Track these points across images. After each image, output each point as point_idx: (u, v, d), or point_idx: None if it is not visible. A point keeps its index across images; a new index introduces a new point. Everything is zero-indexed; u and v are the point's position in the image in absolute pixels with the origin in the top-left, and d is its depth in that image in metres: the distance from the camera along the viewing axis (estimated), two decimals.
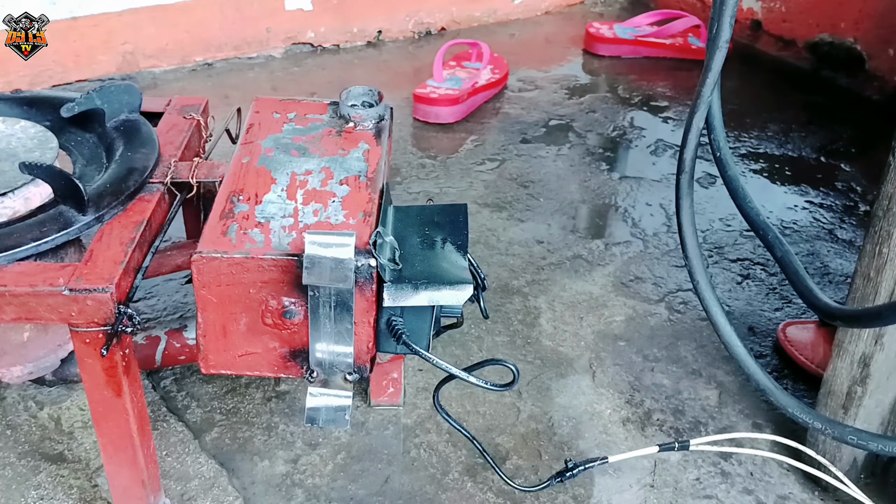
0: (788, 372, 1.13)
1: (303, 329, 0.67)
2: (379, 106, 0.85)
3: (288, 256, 0.65)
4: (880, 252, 0.83)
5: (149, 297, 1.20)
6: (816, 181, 1.56)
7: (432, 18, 2.11)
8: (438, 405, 0.81)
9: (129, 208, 0.77)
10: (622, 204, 1.47)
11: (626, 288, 1.26)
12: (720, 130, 0.89)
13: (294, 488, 0.93)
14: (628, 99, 1.84)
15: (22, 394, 1.03)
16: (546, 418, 1.03)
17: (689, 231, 0.88)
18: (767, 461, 1.00)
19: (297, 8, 1.93)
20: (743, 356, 0.85)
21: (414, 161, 1.57)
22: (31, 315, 0.69)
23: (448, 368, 0.66)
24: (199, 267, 0.66)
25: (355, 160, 0.78)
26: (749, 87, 1.89)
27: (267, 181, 0.75)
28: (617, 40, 2.02)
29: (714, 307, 0.86)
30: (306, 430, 1.00)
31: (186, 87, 1.79)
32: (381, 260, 0.66)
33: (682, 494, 0.95)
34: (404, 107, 1.73)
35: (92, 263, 0.70)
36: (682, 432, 1.03)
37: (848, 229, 1.43)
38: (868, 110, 1.80)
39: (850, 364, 0.89)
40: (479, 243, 1.34)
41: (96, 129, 0.88)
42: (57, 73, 1.74)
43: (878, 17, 1.81)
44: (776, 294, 1.27)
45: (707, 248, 1.37)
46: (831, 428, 0.79)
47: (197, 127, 0.93)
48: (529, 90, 1.86)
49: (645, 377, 1.10)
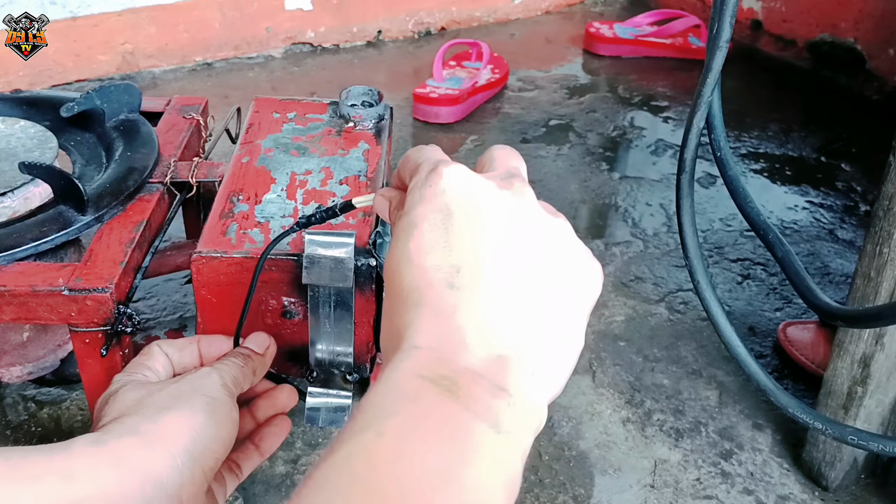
0: (788, 372, 1.13)
1: (302, 329, 0.67)
2: (379, 106, 0.85)
3: (287, 256, 0.65)
4: (881, 252, 0.83)
5: (148, 297, 1.20)
6: (817, 181, 1.56)
7: (432, 18, 2.11)
8: None
9: (129, 208, 0.77)
10: (622, 204, 1.47)
11: (626, 288, 1.26)
12: (720, 130, 0.89)
13: (294, 488, 0.93)
14: (628, 99, 1.84)
15: (22, 394, 1.03)
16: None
17: (690, 231, 0.88)
18: (768, 461, 1.00)
19: (296, 8, 1.93)
20: (743, 356, 0.85)
21: None
22: (31, 315, 0.69)
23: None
24: (199, 267, 0.66)
25: (355, 160, 0.78)
26: (749, 87, 1.89)
27: (267, 181, 0.74)
28: (617, 40, 2.02)
29: (714, 307, 0.86)
30: (306, 430, 1.00)
31: (186, 87, 1.79)
32: (382, 259, 0.66)
33: (683, 494, 0.95)
34: (404, 107, 1.73)
35: (91, 263, 0.70)
36: (683, 432, 1.02)
37: (848, 229, 1.43)
38: (868, 110, 1.80)
39: (850, 364, 0.89)
40: None
41: (96, 129, 0.88)
42: (57, 73, 1.74)
43: (878, 17, 1.81)
44: (776, 294, 1.27)
45: (707, 248, 1.36)
46: (832, 428, 0.79)
47: (197, 127, 0.93)
48: (529, 90, 1.86)
49: (645, 377, 1.10)
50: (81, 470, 0.45)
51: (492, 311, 0.35)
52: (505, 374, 0.34)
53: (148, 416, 0.49)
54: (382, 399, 0.33)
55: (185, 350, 0.62)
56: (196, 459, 0.48)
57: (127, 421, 0.49)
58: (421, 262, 0.37)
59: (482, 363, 0.34)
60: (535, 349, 0.36)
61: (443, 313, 0.35)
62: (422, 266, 0.37)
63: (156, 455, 0.47)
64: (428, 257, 0.37)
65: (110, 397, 0.53)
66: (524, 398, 0.34)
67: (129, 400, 0.51)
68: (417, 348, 0.35)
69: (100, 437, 0.47)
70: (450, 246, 0.37)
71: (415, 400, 0.33)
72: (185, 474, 0.47)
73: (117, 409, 0.51)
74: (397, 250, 0.38)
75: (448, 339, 0.35)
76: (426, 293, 0.36)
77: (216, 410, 0.51)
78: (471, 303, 0.35)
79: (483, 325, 0.35)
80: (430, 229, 0.37)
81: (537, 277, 0.37)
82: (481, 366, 0.34)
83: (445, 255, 0.37)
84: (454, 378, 0.33)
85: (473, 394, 0.33)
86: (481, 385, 0.33)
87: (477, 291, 0.36)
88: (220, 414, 0.51)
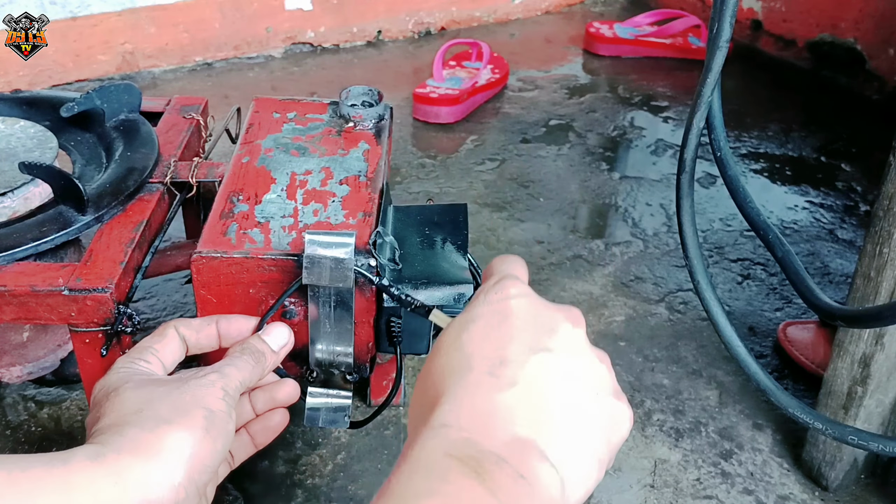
0: (789, 372, 1.13)
1: (302, 329, 0.67)
2: (379, 106, 0.85)
3: (288, 256, 0.65)
4: (881, 252, 0.83)
5: (148, 297, 1.20)
6: (817, 181, 1.56)
7: (432, 18, 2.11)
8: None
9: (129, 208, 0.77)
10: (622, 204, 1.47)
11: (626, 288, 1.26)
12: (720, 130, 0.89)
13: (294, 488, 0.93)
14: (628, 99, 1.84)
15: (22, 394, 1.03)
16: None
17: (690, 231, 0.88)
18: (768, 461, 1.00)
19: (296, 8, 1.93)
20: (743, 356, 0.85)
21: (414, 161, 1.56)
22: (31, 315, 0.69)
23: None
24: (199, 267, 0.66)
25: (355, 160, 0.78)
26: (749, 87, 1.89)
27: (267, 181, 0.74)
28: (617, 40, 2.02)
29: (714, 307, 0.86)
30: (306, 430, 1.00)
31: (186, 87, 1.79)
32: (381, 260, 0.66)
33: (683, 495, 0.95)
34: (404, 107, 1.73)
35: (91, 263, 0.70)
36: (683, 432, 1.02)
37: (848, 229, 1.43)
38: (868, 110, 1.80)
39: (850, 364, 0.89)
40: (479, 243, 1.34)
41: (96, 129, 0.88)
42: (56, 73, 1.74)
43: (879, 17, 1.81)
44: (776, 294, 1.27)
45: (707, 248, 1.37)
46: (832, 428, 0.79)
47: (197, 127, 0.93)
48: (529, 90, 1.86)
49: (645, 377, 1.10)
50: (80, 485, 0.45)
51: (524, 405, 0.38)
52: (527, 462, 0.36)
53: (148, 427, 0.49)
54: (412, 478, 0.35)
55: (202, 331, 0.61)
56: (192, 477, 0.49)
57: (127, 432, 0.48)
58: (470, 350, 0.41)
59: (506, 449, 0.36)
60: (559, 447, 0.38)
61: (477, 397, 0.38)
62: (469, 353, 0.40)
63: (154, 473, 0.47)
64: (478, 347, 0.41)
65: (111, 393, 0.53)
66: (542, 490, 0.36)
67: (130, 403, 0.51)
68: (447, 426, 0.37)
69: (99, 451, 0.47)
70: (500, 343, 0.40)
71: (444, 479, 0.35)
72: (181, 492, 0.48)
73: (117, 410, 0.51)
74: (448, 336, 0.42)
75: (478, 421, 0.37)
76: (466, 376, 0.39)
77: (214, 425, 0.51)
78: (507, 393, 0.38)
79: (513, 415, 0.38)
80: (485, 325, 0.42)
81: (575, 393, 0.40)
82: (506, 451, 0.36)
83: (494, 349, 0.40)
84: (480, 460, 0.35)
85: (497, 480, 0.35)
86: (505, 471, 0.35)
87: (515, 386, 0.38)
88: (218, 428, 0.51)
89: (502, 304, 0.43)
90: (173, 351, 0.59)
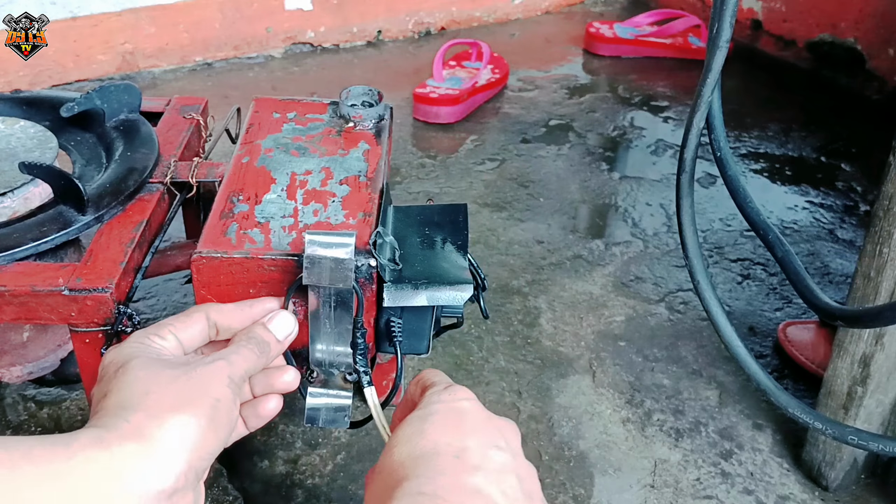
0: (789, 372, 1.13)
1: (302, 329, 0.67)
2: (379, 106, 0.85)
3: (288, 256, 0.65)
4: (881, 252, 0.83)
5: (148, 297, 1.20)
6: (816, 181, 1.56)
7: (432, 18, 2.11)
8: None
9: (129, 208, 0.77)
10: (622, 204, 1.47)
11: (626, 288, 1.26)
12: (720, 130, 0.89)
13: (294, 488, 0.93)
14: (628, 99, 1.84)
15: (22, 394, 1.03)
16: (546, 418, 1.03)
17: (690, 231, 0.88)
18: (768, 461, 1.00)
19: (296, 8, 1.93)
20: (743, 356, 0.85)
21: (414, 161, 1.57)
22: (31, 315, 0.69)
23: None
24: (199, 267, 0.66)
25: (355, 160, 0.78)
26: (749, 87, 1.89)
27: (267, 181, 0.74)
28: (617, 40, 2.02)
29: (714, 307, 0.86)
30: (306, 430, 1.00)
31: (186, 87, 1.79)
32: (381, 260, 0.66)
33: (683, 494, 0.95)
34: (404, 107, 1.73)
35: (91, 263, 0.70)
36: (683, 432, 1.03)
37: (848, 229, 1.43)
38: (868, 110, 1.80)
39: (850, 364, 0.89)
40: (479, 243, 1.34)
41: (96, 129, 0.88)
42: (56, 73, 1.74)
43: (878, 17, 1.81)
44: (776, 294, 1.27)
45: (707, 248, 1.37)
46: (832, 428, 0.79)
47: (196, 127, 0.93)
48: (529, 90, 1.86)
49: (645, 377, 1.10)
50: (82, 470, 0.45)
51: (492, 488, 0.48)
52: None
53: (153, 413, 0.49)
54: None
55: (234, 316, 0.61)
56: (193, 465, 0.49)
57: (132, 417, 0.48)
58: (434, 437, 0.51)
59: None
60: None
61: (447, 475, 0.48)
62: (434, 440, 0.51)
63: (157, 461, 0.47)
64: (441, 436, 0.51)
65: (119, 368, 0.52)
66: None
67: (138, 384, 0.51)
68: (423, 494, 0.46)
69: (102, 436, 0.47)
70: (461, 435, 0.51)
71: None
72: (181, 480, 0.48)
73: (124, 390, 0.50)
74: (410, 428, 0.52)
75: (454, 492, 0.47)
76: (434, 459, 0.49)
77: (219, 413, 0.51)
78: (476, 477, 0.48)
79: (482, 492, 0.48)
80: (444, 419, 0.53)
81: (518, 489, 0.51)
82: None
83: (457, 438, 0.51)
84: None
85: None
86: None
87: (480, 471, 0.49)
88: (222, 417, 0.51)
89: (456, 404, 0.54)
90: (196, 333, 0.58)
